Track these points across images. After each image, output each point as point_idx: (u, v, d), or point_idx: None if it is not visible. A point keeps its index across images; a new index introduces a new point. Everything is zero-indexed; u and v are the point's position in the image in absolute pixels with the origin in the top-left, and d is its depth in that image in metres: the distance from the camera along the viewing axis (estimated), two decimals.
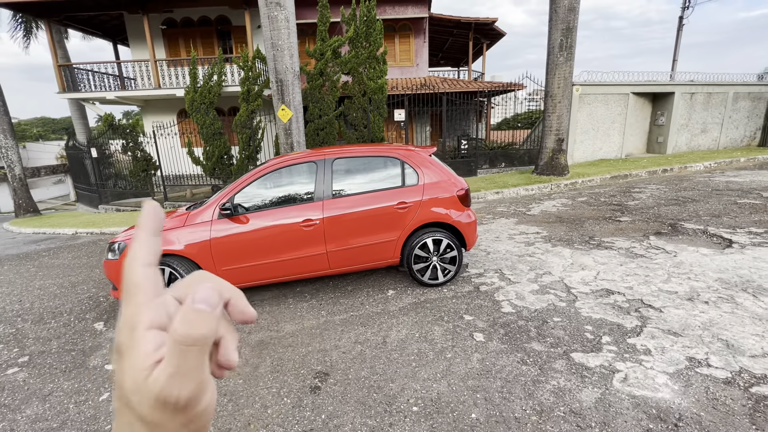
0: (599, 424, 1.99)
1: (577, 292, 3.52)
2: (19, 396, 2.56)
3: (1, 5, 11.37)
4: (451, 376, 2.47)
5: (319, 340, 3.03)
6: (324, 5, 10.76)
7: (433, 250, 3.79)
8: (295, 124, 7.87)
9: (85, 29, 14.09)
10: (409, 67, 15.27)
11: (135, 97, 12.81)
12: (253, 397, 2.40)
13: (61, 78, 12.22)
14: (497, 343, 2.80)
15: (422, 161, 3.80)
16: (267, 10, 7.12)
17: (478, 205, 7.78)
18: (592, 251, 4.57)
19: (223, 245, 3.48)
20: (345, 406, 2.25)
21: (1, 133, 12.38)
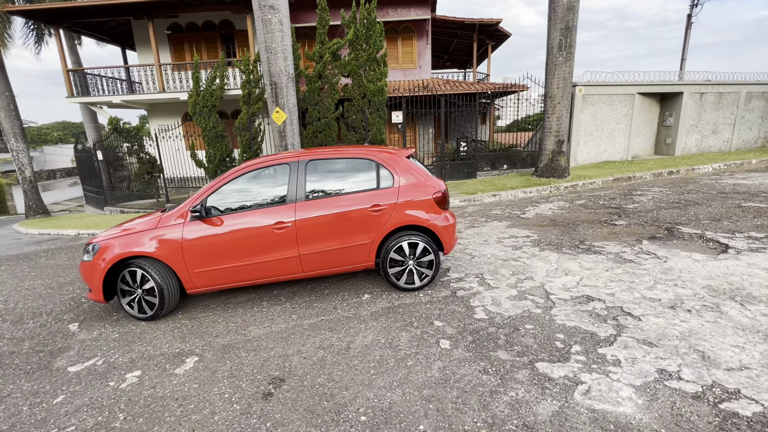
0: None
1: (556, 299, 3.40)
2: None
3: (13, 13, 11.74)
4: (407, 384, 2.39)
5: (284, 344, 2.98)
6: (323, 8, 10.80)
7: (409, 254, 3.71)
8: (289, 126, 7.89)
9: (95, 35, 14.45)
10: (412, 69, 15.21)
11: (140, 101, 13.05)
12: (204, 402, 2.35)
13: (69, 82, 12.54)
14: (462, 351, 2.70)
15: (398, 163, 3.73)
16: (261, 14, 7.16)
17: (473, 208, 7.66)
18: (580, 256, 4.42)
19: (194, 248, 3.47)
20: (293, 414, 2.19)
21: (13, 137, 12.75)
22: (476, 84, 14.59)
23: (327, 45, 10.79)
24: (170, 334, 3.29)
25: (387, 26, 14.69)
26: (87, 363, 2.91)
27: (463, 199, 8.22)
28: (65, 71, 12.45)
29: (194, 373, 2.68)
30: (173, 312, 3.71)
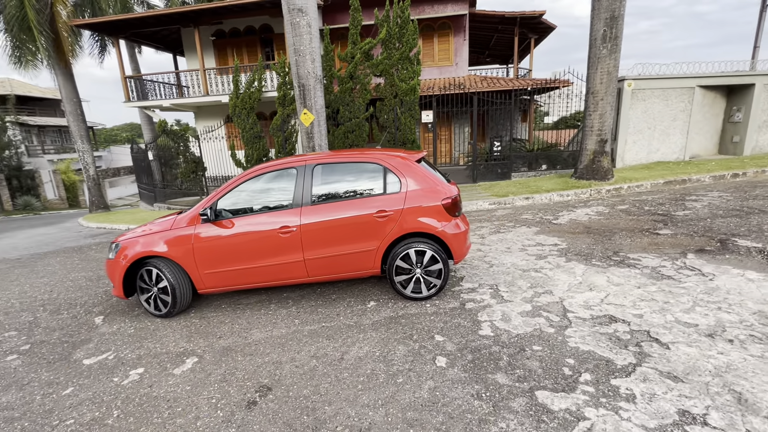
0: None
1: (574, 317, 3.10)
2: (3, 383, 2.81)
3: (79, 26, 12.95)
4: (392, 404, 2.27)
5: (280, 350, 2.97)
6: (356, 8, 10.81)
7: (416, 262, 3.56)
8: (317, 127, 7.97)
9: (150, 43, 15.56)
10: (448, 66, 14.85)
11: (187, 104, 13.87)
12: (191, 406, 2.39)
13: (126, 88, 13.60)
14: (458, 371, 2.53)
15: (406, 168, 3.59)
16: (290, 17, 7.28)
17: (502, 211, 7.29)
18: (610, 269, 4.02)
19: (204, 249, 3.57)
20: (271, 427, 2.15)
21: (80, 139, 14.06)
22: (515, 80, 13.94)
23: (359, 45, 10.79)
24: (179, 332, 3.40)
25: (423, 24, 14.45)
26: (100, 357, 3.08)
27: (492, 201, 7.86)
28: (123, 78, 13.52)
29: (190, 374, 2.74)
30: (187, 310, 3.85)
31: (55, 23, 12.31)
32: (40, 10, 11.56)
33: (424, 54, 14.88)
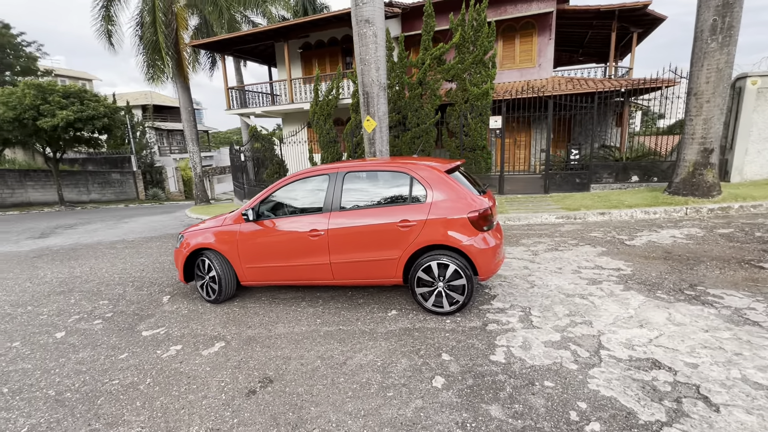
0: None
1: (607, 356, 2.70)
2: (84, 342, 3.47)
3: (195, 46, 15.22)
4: (374, 416, 2.26)
5: (293, 347, 3.15)
6: (429, 14, 10.82)
7: (439, 275, 3.46)
8: (378, 134, 8.18)
9: (250, 58, 17.57)
10: (530, 68, 13.94)
11: (275, 111, 15.33)
12: (204, 386, 2.68)
13: (228, 98, 15.56)
14: (451, 395, 2.41)
15: (433, 178, 3.51)
16: (357, 28, 7.61)
17: (569, 227, 6.62)
18: (677, 305, 3.41)
19: (245, 246, 3.95)
20: (258, 417, 2.31)
21: (191, 142, 16.47)
22: (606, 81, 12.50)
23: (430, 51, 10.78)
24: (219, 318, 3.82)
25: (504, 24, 13.82)
26: (155, 331, 3.62)
27: (560, 215, 7.18)
28: (226, 89, 15.50)
29: (214, 357, 3.07)
30: (233, 298, 4.30)
31: (177, 45, 14.66)
32: (168, 35, 13.88)
33: (504, 56, 14.22)
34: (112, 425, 2.32)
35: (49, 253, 7.30)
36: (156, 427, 2.29)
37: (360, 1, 7.48)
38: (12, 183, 19.41)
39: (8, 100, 15.28)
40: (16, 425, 2.37)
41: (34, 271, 5.95)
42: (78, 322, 3.89)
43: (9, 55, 21.47)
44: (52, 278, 5.54)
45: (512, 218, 7.33)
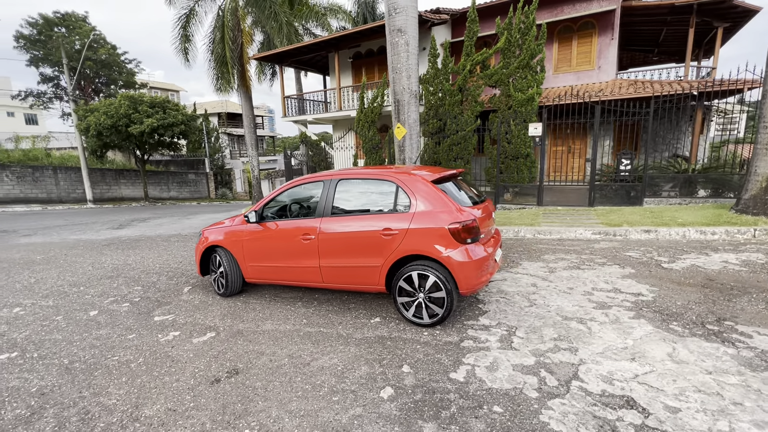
0: None
1: (578, 387, 2.47)
2: (108, 321, 3.99)
3: (257, 59, 16.53)
4: (310, 418, 2.32)
5: (271, 343, 3.32)
6: (473, 20, 10.61)
7: (419, 286, 3.42)
8: (408, 141, 8.20)
9: (306, 68, 18.61)
10: (588, 71, 12.96)
11: (325, 118, 16.05)
12: (182, 370, 2.95)
13: (284, 106, 16.64)
14: (393, 407, 2.38)
15: (418, 187, 3.48)
16: (390, 37, 7.74)
17: (604, 244, 6.06)
18: (688, 340, 2.99)
19: (248, 245, 4.24)
20: (211, 404, 2.50)
21: (251, 147, 17.84)
22: (675, 83, 11.17)
23: (472, 56, 10.55)
24: (221, 310, 4.14)
25: (559, 26, 13.06)
26: (165, 317, 4.04)
27: (598, 231, 6.59)
28: (282, 98, 16.60)
29: (201, 345, 3.35)
30: (240, 293, 4.62)
31: (242, 59, 16.05)
32: (233, 50, 15.26)
33: (559, 59, 13.40)
34: (96, 395, 2.66)
35: (117, 243, 8.42)
36: (128, 400, 2.58)
37: (393, 10, 7.61)
38: (109, 180, 22.62)
39: (107, 110, 17.89)
40: (30, 385, 2.82)
41: (98, 258, 6.92)
42: (111, 304, 4.47)
43: (115, 71, 25.16)
44: (109, 264, 6.40)
45: (543, 231, 6.89)
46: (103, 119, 17.72)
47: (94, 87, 25.22)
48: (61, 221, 12.50)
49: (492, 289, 4.36)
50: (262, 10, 15.85)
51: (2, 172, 18.66)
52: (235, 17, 15.55)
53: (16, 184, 19.07)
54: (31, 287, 5.19)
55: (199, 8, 15.91)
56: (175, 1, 15.98)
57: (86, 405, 2.55)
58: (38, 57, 22.88)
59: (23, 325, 3.91)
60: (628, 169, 8.33)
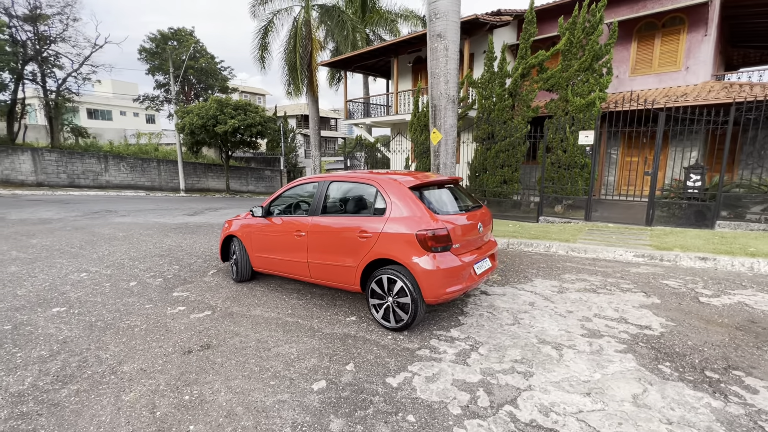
0: None
1: (507, 413, 2.34)
2: (139, 291, 4.70)
3: (324, 65, 17.57)
4: (242, 396, 2.55)
5: (250, 327, 3.64)
6: (530, 21, 10.06)
7: (388, 290, 3.47)
8: (443, 146, 8.10)
9: (370, 72, 19.24)
10: (673, 72, 11.43)
11: (382, 122, 16.44)
12: (168, 339, 3.40)
13: (346, 110, 17.43)
14: (315, 399, 2.50)
15: (395, 192, 3.52)
16: (430, 43, 7.73)
17: (643, 269, 5.38)
18: (669, 384, 2.61)
19: (255, 237, 4.66)
20: (173, 370, 2.87)
21: (315, 148, 19.04)
22: None
23: (526, 59, 10.00)
24: (228, 293, 4.62)
25: (640, 23, 11.73)
26: (182, 294, 4.63)
27: (642, 253, 5.86)
28: (345, 102, 17.39)
29: (194, 321, 3.81)
30: (251, 280, 5.07)
31: (311, 66, 17.21)
32: (303, 57, 16.46)
33: (638, 59, 12.03)
34: (98, 349, 3.22)
35: (183, 228, 9.70)
36: (117, 357, 3.08)
37: (434, 15, 7.61)
38: (199, 173, 25.85)
39: (199, 111, 20.49)
40: (60, 334, 3.51)
41: (161, 239, 8.08)
42: (149, 278, 5.25)
43: (212, 78, 28.73)
44: (166, 245, 7.44)
45: (577, 249, 6.32)
46: (195, 120, 20.33)
47: (195, 92, 29.03)
48: (152, 206, 14.70)
49: (483, 302, 4.20)
50: (332, 18, 16.83)
51: (120, 163, 22.47)
52: (307, 27, 16.75)
53: (129, 173, 22.81)
54: (102, 258, 6.29)
55: (276, 20, 17.46)
56: (258, 14, 17.74)
57: (87, 355, 3.11)
58: (154, 66, 27.06)
59: (81, 287, 4.80)
60: (698, 186, 7.19)
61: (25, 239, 7.52)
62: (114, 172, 22.07)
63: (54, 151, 20.25)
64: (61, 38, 20.56)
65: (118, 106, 40.40)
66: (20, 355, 3.12)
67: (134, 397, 2.56)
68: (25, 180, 19.19)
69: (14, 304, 4.20)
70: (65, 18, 20.32)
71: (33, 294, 4.54)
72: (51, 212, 11.42)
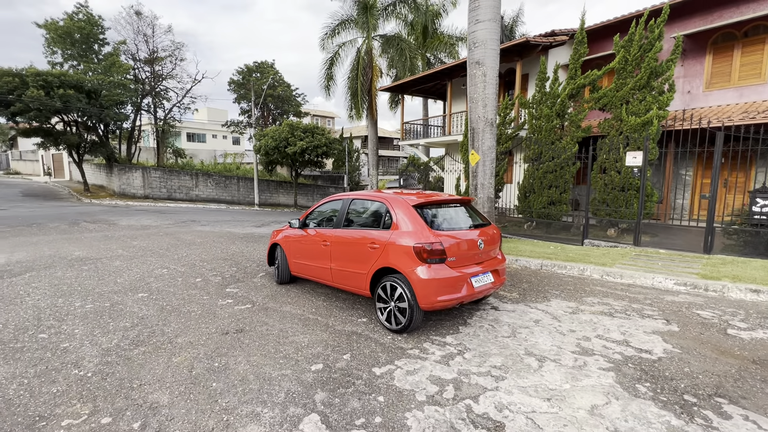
0: None
1: (466, 405, 2.66)
2: (201, 285, 5.72)
3: (383, 90, 18.72)
4: (257, 367, 3.19)
5: (278, 319, 4.34)
6: (580, 41, 9.94)
7: (390, 296, 3.93)
8: (481, 167, 8.34)
9: (428, 95, 19.96)
10: (757, 85, 10.32)
11: (434, 142, 16.94)
12: (214, 322, 4.22)
13: (402, 131, 18.28)
14: (311, 376, 3.05)
15: (401, 209, 4.01)
16: (469, 70, 8.15)
17: (680, 298, 5.12)
18: (636, 402, 2.69)
19: (292, 245, 5.44)
20: (210, 344, 3.63)
21: (372, 167, 20.11)
22: None
23: (576, 79, 9.84)
24: (268, 292, 5.42)
25: (715, 34, 10.85)
26: (233, 290, 5.54)
27: (685, 282, 5.52)
28: (401, 123, 18.28)
29: (237, 311, 4.61)
30: (290, 283, 5.85)
31: (371, 91, 18.47)
32: (363, 83, 17.77)
33: (714, 73, 11.08)
34: (163, 325, 4.14)
35: (249, 237, 11.08)
36: (175, 332, 3.95)
37: (473, 44, 8.04)
38: (272, 189, 28.58)
39: (273, 134, 22.94)
40: (140, 312, 4.54)
41: (229, 245, 9.40)
42: (211, 276, 6.32)
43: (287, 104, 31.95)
44: (231, 251, 8.67)
45: (612, 274, 6.12)
46: (269, 142, 22.78)
47: (273, 116, 32.40)
48: (228, 217, 16.79)
49: (489, 316, 4.43)
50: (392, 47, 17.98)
51: (207, 180, 25.86)
52: (368, 56, 18.11)
53: (214, 188, 26.10)
54: (180, 259, 7.62)
55: (341, 52, 19.15)
56: (326, 47, 19.62)
57: (155, 329, 4.04)
58: (240, 95, 30.90)
59: (161, 280, 5.99)
60: (766, 212, 6.47)
61: (129, 241, 9.32)
62: (202, 188, 25.41)
63: (158, 169, 24.07)
64: (170, 76, 24.70)
65: (211, 130, 46.41)
66: (112, 324, 4.16)
67: (180, 360, 3.35)
68: (136, 193, 23.05)
69: (114, 289, 5.45)
70: (174, 59, 24.44)
71: (128, 282, 5.80)
72: (150, 220, 13.75)
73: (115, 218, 13.86)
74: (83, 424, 2.48)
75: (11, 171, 42.38)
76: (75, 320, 4.24)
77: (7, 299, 4.91)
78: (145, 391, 2.86)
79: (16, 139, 43.37)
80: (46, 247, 8.20)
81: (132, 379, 3.03)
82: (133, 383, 2.97)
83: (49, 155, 36.39)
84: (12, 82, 17.42)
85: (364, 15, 18.96)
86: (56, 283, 5.62)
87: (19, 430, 2.41)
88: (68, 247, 8.27)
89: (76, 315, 4.40)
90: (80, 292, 5.27)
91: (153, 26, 23.50)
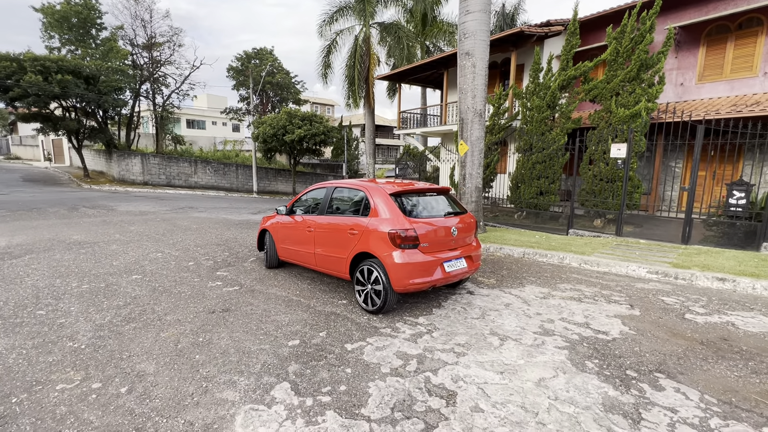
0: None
1: (425, 377, 2.91)
2: (193, 269, 5.97)
3: (380, 78, 18.70)
4: (238, 342, 3.44)
5: (263, 300, 4.59)
6: (572, 33, 9.97)
7: (368, 279, 4.17)
8: (469, 157, 8.51)
9: (425, 84, 19.93)
10: (749, 78, 10.37)
11: (431, 132, 17.01)
12: (202, 302, 4.47)
13: (399, 120, 18.34)
14: (287, 350, 3.30)
15: (379, 197, 4.21)
16: (459, 60, 8.25)
17: (653, 285, 5.35)
18: (581, 375, 2.94)
19: (280, 231, 5.66)
20: (196, 321, 3.88)
21: (370, 156, 20.22)
22: None
23: (567, 71, 9.91)
24: (257, 275, 5.67)
25: (709, 26, 10.86)
26: (222, 273, 5.79)
27: (657, 270, 5.74)
28: (398, 112, 18.32)
29: (225, 292, 4.87)
30: (278, 267, 6.09)
31: (368, 80, 18.47)
32: (361, 72, 17.77)
33: (706, 66, 11.12)
34: (153, 304, 4.40)
35: (244, 223, 11.32)
36: (165, 310, 4.21)
37: (463, 35, 8.12)
38: (270, 177, 28.73)
39: (271, 122, 22.98)
40: (133, 292, 4.79)
41: (224, 231, 9.64)
42: (203, 260, 6.57)
43: (286, 91, 31.84)
44: (225, 237, 8.91)
45: (589, 262, 6.35)
46: (267, 129, 22.84)
47: (272, 104, 32.33)
48: (225, 204, 17.01)
49: (462, 300, 4.67)
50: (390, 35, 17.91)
51: (206, 166, 26.00)
52: (366, 44, 18.05)
53: (213, 175, 26.27)
54: (175, 243, 7.87)
55: (339, 39, 19.09)
56: (324, 34, 19.53)
57: (145, 308, 4.30)
58: (239, 82, 30.79)
59: (155, 263, 6.24)
60: (742, 204, 6.65)
61: (126, 226, 9.57)
62: (201, 175, 25.57)
63: (157, 156, 24.20)
64: (169, 62, 24.62)
65: (210, 116, 46.28)
66: (106, 303, 4.41)
67: (167, 335, 3.61)
68: (135, 179, 23.23)
69: (110, 271, 5.70)
70: (173, 45, 24.33)
71: (123, 265, 6.05)
72: (149, 206, 13.98)
73: (114, 204, 14.10)
74: (75, 389, 2.74)
75: (12, 156, 42.52)
76: (71, 299, 4.50)
77: (8, 279, 5.17)
78: (134, 362, 3.12)
79: (16, 124, 43.38)
80: (46, 231, 8.46)
81: (122, 351, 3.29)
82: (123, 354, 3.23)
83: (49, 141, 36.47)
84: (10, 66, 17.46)
85: (362, 1, 18.84)
86: (54, 265, 5.88)
87: (17, 393, 2.67)
88: (67, 232, 8.52)
89: (73, 294, 4.66)
90: (77, 273, 5.53)
91: (151, 11, 23.34)
